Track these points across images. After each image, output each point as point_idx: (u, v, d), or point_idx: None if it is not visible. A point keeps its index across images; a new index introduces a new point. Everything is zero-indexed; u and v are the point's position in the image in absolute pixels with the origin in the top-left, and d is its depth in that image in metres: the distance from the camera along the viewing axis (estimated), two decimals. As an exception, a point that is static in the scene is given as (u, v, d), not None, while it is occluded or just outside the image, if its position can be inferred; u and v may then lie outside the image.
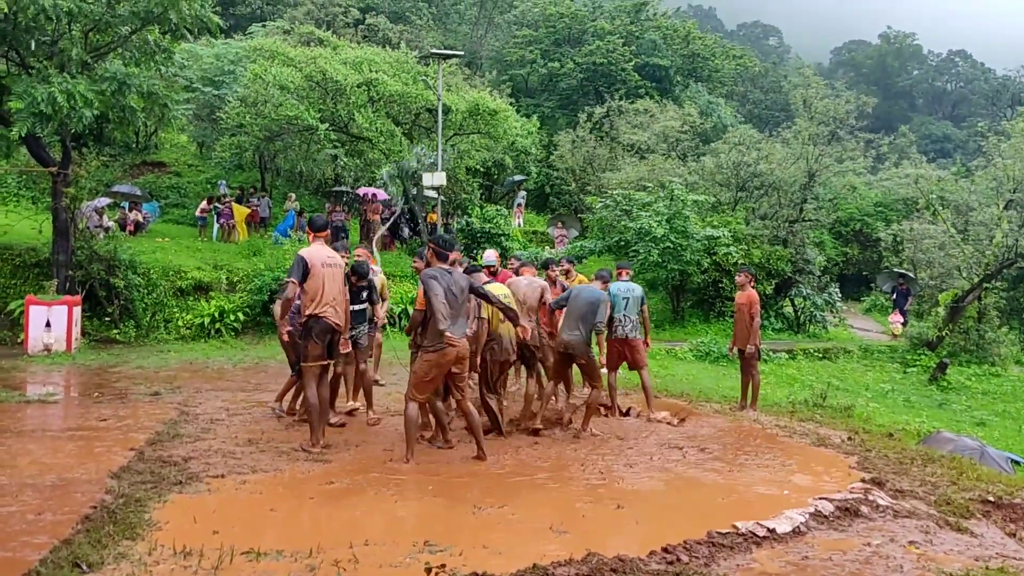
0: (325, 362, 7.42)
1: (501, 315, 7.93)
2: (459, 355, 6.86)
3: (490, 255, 10.25)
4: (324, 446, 7.29)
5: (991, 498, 6.52)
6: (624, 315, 9.62)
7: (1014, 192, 21.30)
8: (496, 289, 8.13)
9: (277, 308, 8.08)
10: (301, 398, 8.28)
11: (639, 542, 4.99)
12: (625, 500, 6.05)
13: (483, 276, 8.54)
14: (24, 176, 21.96)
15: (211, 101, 24.28)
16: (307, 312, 7.25)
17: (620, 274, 9.89)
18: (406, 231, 23.68)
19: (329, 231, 7.87)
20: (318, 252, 7.35)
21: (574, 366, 8.68)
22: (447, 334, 6.64)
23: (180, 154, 29.94)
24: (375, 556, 4.70)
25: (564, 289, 9.29)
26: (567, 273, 10.57)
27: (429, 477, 6.59)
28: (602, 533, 5.31)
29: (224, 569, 4.43)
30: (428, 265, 7.04)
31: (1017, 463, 11.07)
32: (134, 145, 28.00)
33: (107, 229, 17.79)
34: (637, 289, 9.80)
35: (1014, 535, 5.84)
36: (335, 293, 7.32)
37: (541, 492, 6.32)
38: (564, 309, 8.52)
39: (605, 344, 9.37)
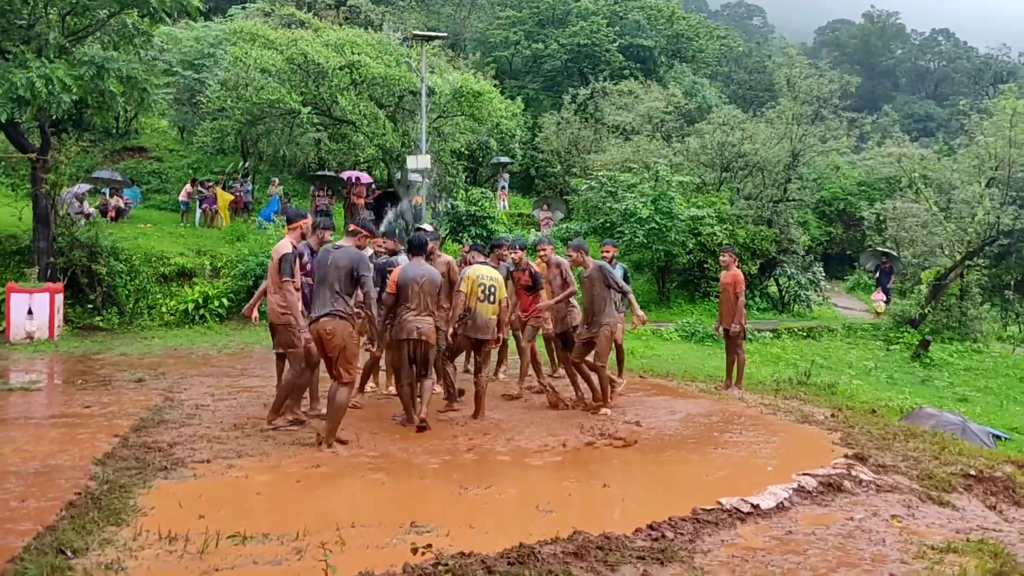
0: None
1: (480, 293, 7.94)
2: (318, 332, 6.79)
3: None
4: (274, 427, 7.43)
5: (972, 472, 6.59)
6: None
7: (996, 170, 21.45)
8: (483, 270, 8.12)
9: None
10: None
11: (625, 520, 5.02)
12: (611, 479, 6.08)
13: (478, 256, 8.54)
14: (3, 163, 21.72)
15: (191, 85, 24.02)
16: None
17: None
18: (390, 215, 23.57)
19: (302, 222, 7.99)
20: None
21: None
22: (312, 312, 6.87)
23: (161, 139, 29.63)
24: (362, 538, 4.71)
25: (533, 273, 9.19)
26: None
27: (415, 458, 6.60)
28: (588, 511, 5.34)
29: (210, 553, 4.42)
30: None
31: (998, 438, 11.22)
32: (114, 130, 27.68)
33: (88, 215, 17.64)
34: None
35: (995, 508, 5.92)
36: (270, 283, 7.51)
37: (527, 472, 6.34)
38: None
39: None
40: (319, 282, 6.86)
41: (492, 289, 8.05)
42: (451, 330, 8.05)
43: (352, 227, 7.27)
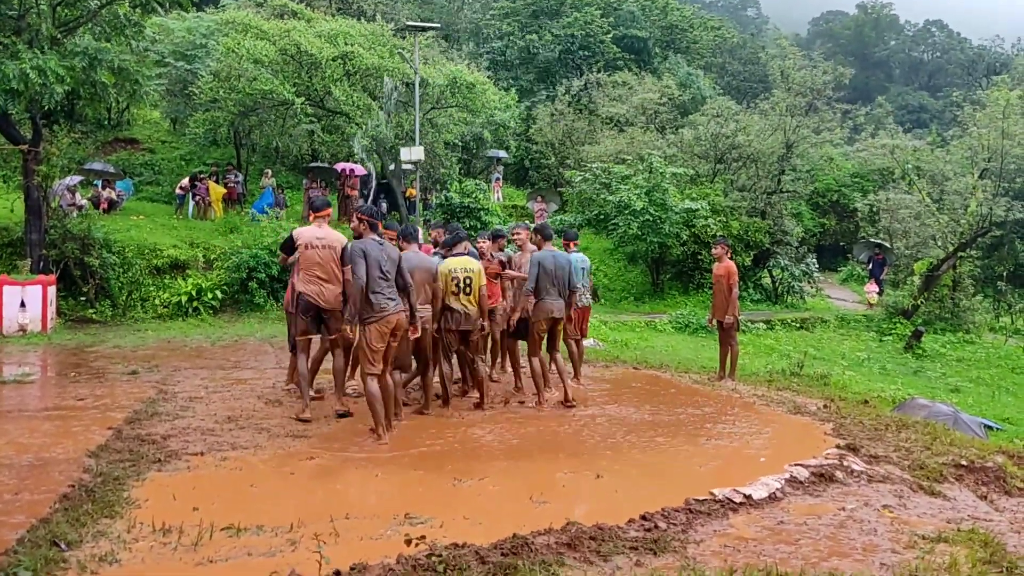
0: (311, 336, 7.70)
1: (453, 286, 7.93)
2: (399, 323, 6.93)
3: None
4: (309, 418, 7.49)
5: (964, 462, 6.63)
6: (583, 284, 9.71)
7: (988, 161, 21.51)
8: (455, 263, 8.06)
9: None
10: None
11: (618, 510, 5.04)
12: (604, 470, 6.10)
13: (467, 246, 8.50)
14: (-6, 154, 21.61)
15: (184, 76, 23.88)
16: (297, 289, 7.61)
17: (569, 245, 9.88)
18: (384, 206, 23.55)
19: (328, 211, 7.96)
20: (308, 231, 7.64)
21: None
22: (382, 304, 6.78)
23: (153, 130, 29.50)
24: (356, 529, 4.72)
25: (502, 262, 9.26)
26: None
27: (409, 450, 6.61)
28: (581, 502, 5.36)
29: (204, 545, 4.43)
30: (359, 236, 7.12)
31: (990, 428, 11.28)
32: (106, 122, 27.56)
33: (80, 207, 17.56)
34: (586, 259, 10.04)
35: (985, 498, 5.96)
36: (319, 272, 7.50)
37: (521, 463, 6.36)
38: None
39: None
40: (385, 276, 6.84)
41: (468, 280, 8.01)
42: (434, 326, 8.09)
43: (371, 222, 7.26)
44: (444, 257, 8.25)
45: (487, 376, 8.52)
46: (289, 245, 7.71)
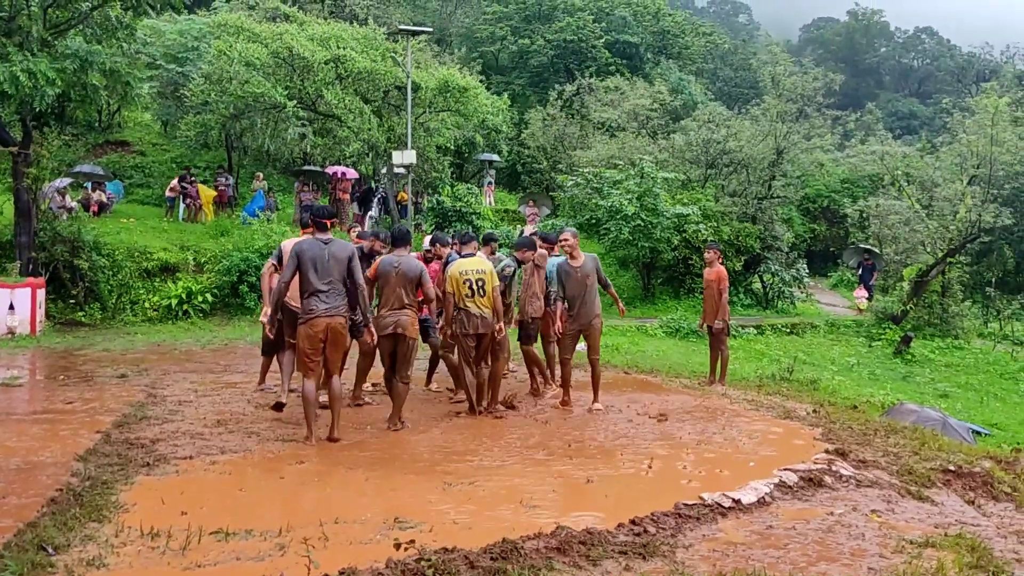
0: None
1: (467, 289, 7.84)
2: (329, 327, 6.74)
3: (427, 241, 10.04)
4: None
5: (952, 467, 6.66)
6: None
7: (977, 168, 21.64)
8: (467, 264, 8.02)
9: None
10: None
11: (608, 515, 5.04)
12: (594, 474, 6.10)
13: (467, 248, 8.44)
14: (-17, 156, 21.49)
15: (175, 78, 23.82)
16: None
17: (552, 248, 9.69)
18: (376, 210, 23.55)
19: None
20: (295, 243, 7.58)
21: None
22: (311, 305, 6.68)
23: (144, 133, 29.38)
24: (345, 534, 4.71)
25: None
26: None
27: (399, 455, 6.60)
28: (571, 507, 5.36)
29: (192, 549, 4.41)
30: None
31: (978, 433, 11.34)
32: (97, 124, 27.44)
33: (70, 210, 17.49)
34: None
35: (973, 503, 5.99)
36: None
37: (511, 467, 6.35)
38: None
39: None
40: (336, 277, 6.82)
41: (480, 283, 7.87)
42: (448, 331, 8.04)
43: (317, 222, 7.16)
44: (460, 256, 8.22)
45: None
46: (278, 255, 7.68)
